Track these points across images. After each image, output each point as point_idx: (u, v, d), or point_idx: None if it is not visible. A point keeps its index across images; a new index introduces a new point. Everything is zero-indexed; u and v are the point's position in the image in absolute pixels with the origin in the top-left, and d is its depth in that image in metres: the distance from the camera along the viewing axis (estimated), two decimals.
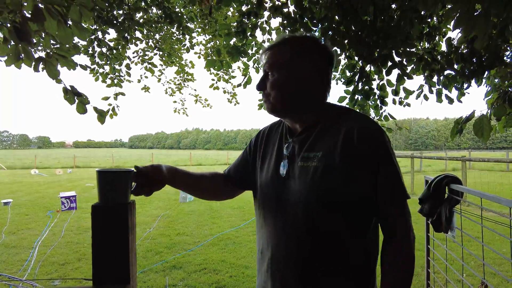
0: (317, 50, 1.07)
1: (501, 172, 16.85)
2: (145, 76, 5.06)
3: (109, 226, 1.06)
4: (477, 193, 2.02)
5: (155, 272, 3.98)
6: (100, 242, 1.06)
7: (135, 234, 1.20)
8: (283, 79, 1.05)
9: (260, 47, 3.09)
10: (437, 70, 2.64)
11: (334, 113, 1.08)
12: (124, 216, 1.08)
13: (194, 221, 6.65)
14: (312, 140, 1.05)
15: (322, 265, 1.01)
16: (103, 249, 1.06)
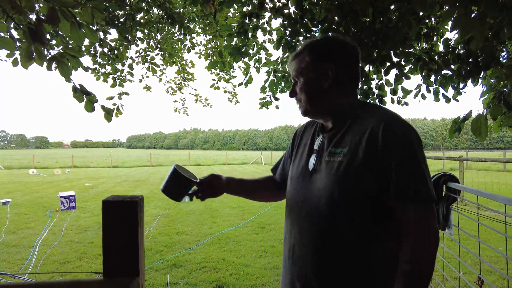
0: (338, 50, 1.12)
1: (498, 172, 16.99)
2: (146, 76, 5.11)
3: (119, 220, 1.10)
4: (474, 191, 2.07)
5: (155, 270, 4.02)
6: (111, 235, 1.11)
7: (144, 228, 1.25)
8: (307, 83, 1.12)
9: (261, 47, 3.14)
10: (435, 70, 2.69)
11: (364, 110, 1.10)
12: (134, 210, 1.12)
13: (194, 221, 6.69)
14: (340, 136, 1.08)
15: (340, 257, 1.02)
16: (114, 242, 1.10)
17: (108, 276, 1.10)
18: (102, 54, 3.83)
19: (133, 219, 1.12)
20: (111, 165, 28.28)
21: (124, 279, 1.12)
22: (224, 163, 31.91)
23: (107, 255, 1.10)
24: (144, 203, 1.26)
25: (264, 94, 3.43)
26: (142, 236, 1.21)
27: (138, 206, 1.12)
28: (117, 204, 1.11)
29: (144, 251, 1.28)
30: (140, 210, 1.15)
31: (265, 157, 33.63)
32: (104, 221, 1.13)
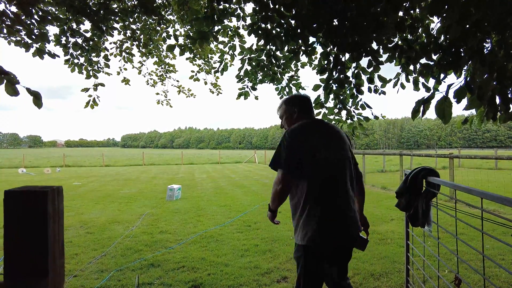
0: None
1: (490, 170, 16.98)
2: (124, 68, 4.93)
3: (23, 213, 0.96)
4: (451, 185, 1.95)
5: (131, 270, 3.86)
6: (13, 230, 0.96)
7: (62, 223, 1.09)
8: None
9: (235, 33, 3.00)
10: (413, 58, 2.57)
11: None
12: (42, 202, 0.97)
13: (179, 219, 6.53)
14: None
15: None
16: (16, 238, 0.95)
17: (9, 278, 0.95)
18: (74, 45, 3.67)
19: (41, 212, 0.97)
20: (103, 164, 27.98)
21: (29, 281, 0.97)
22: (218, 162, 31.72)
23: (9, 254, 0.95)
24: (62, 195, 1.10)
25: (242, 84, 3.29)
26: (59, 231, 1.06)
27: (48, 198, 0.98)
28: (21, 194, 0.96)
29: (63, 248, 1.13)
30: (52, 202, 1.00)
31: (259, 156, 33.51)
32: (5, 214, 0.98)
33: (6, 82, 1.54)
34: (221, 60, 3.14)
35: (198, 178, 15.40)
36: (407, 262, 2.94)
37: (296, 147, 1.91)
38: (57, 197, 1.02)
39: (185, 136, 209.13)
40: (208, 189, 11.37)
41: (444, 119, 1.67)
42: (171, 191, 9.10)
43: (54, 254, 0.99)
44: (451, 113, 1.68)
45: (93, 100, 3.88)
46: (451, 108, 1.67)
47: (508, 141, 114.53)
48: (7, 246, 0.95)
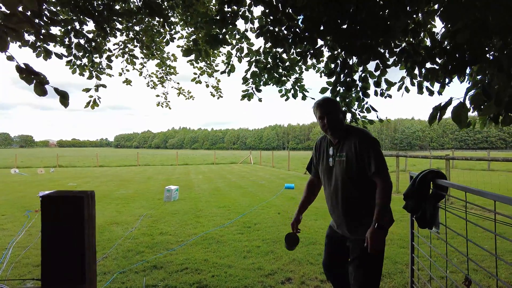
0: (339, 106, 2.30)
1: (483, 172, 17.23)
2: (126, 69, 4.89)
3: (60, 218, 0.96)
4: (461, 187, 1.98)
5: (135, 272, 3.85)
6: (50, 236, 0.96)
7: (95, 228, 1.09)
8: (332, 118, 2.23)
9: (242, 36, 3.01)
10: (419, 62, 2.60)
11: (349, 131, 2.24)
12: (79, 207, 0.97)
13: (178, 221, 6.51)
14: (341, 147, 2.24)
15: (350, 201, 2.20)
16: (54, 244, 0.95)
17: (46, 284, 0.95)
18: (77, 46, 3.64)
19: (78, 218, 0.97)
20: (97, 164, 27.76)
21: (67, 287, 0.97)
22: (213, 162, 31.65)
23: (46, 260, 0.95)
24: (94, 199, 1.10)
25: (246, 85, 3.29)
26: (92, 236, 1.06)
27: (84, 203, 0.98)
28: (58, 200, 0.96)
29: (95, 254, 1.13)
30: (87, 207, 1.00)
31: (254, 156, 33.51)
32: (43, 220, 0.98)
33: (35, 82, 1.52)
34: (228, 62, 3.15)
35: (194, 179, 15.36)
36: (412, 262, 2.97)
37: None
38: (91, 202, 1.02)
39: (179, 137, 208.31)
40: (205, 190, 11.35)
41: (460, 124, 1.70)
42: (168, 192, 9.06)
43: (90, 260, 0.99)
44: (467, 118, 1.71)
45: (93, 101, 3.87)
46: (467, 113, 1.71)
47: (499, 143, 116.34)
48: (45, 252, 0.94)
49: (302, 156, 41.17)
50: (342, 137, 2.23)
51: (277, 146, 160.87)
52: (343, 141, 2.22)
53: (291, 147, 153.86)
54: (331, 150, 2.30)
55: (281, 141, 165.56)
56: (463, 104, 1.63)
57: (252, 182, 13.79)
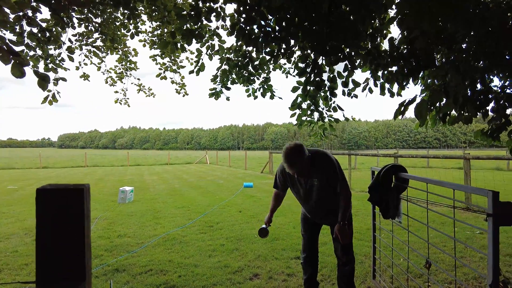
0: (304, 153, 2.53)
1: (424, 169, 18.87)
2: (84, 63, 4.58)
3: (60, 212, 0.91)
4: (423, 179, 2.16)
5: (95, 277, 3.66)
6: (46, 231, 0.90)
7: (90, 224, 1.05)
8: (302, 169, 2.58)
9: (213, 34, 3.00)
10: (383, 65, 2.79)
11: (314, 159, 2.62)
12: (77, 200, 0.93)
13: (136, 222, 6.28)
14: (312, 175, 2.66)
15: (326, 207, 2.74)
16: (52, 241, 0.90)
17: (43, 283, 0.89)
18: (30, 35, 3.35)
19: (78, 211, 0.92)
20: (40, 166, 25.73)
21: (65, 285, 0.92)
22: (167, 163, 30.84)
23: (42, 256, 0.90)
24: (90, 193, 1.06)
25: (214, 84, 3.28)
26: (89, 231, 1.02)
27: (84, 195, 0.94)
28: (56, 193, 0.91)
29: (91, 250, 1.09)
30: (87, 200, 0.96)
31: (210, 156, 33.21)
32: (39, 215, 0.92)
33: (13, 63, 1.38)
34: (197, 60, 3.11)
35: (148, 180, 14.86)
36: (374, 252, 3.17)
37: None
38: (88, 195, 0.98)
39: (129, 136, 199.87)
40: (161, 190, 11.04)
41: (422, 120, 1.85)
42: (123, 193, 8.69)
43: (87, 256, 0.95)
44: (427, 114, 1.87)
45: (52, 96, 3.59)
46: (428, 110, 1.87)
47: (434, 142, 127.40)
48: (40, 248, 0.89)
49: (257, 156, 41.64)
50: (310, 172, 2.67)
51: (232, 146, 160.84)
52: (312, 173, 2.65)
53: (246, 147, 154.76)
54: (302, 180, 2.71)
55: (236, 141, 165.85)
56: (425, 101, 1.78)
57: (211, 182, 13.68)
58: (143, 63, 4.92)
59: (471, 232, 5.16)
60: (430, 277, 2.48)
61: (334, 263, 3.90)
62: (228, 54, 3.17)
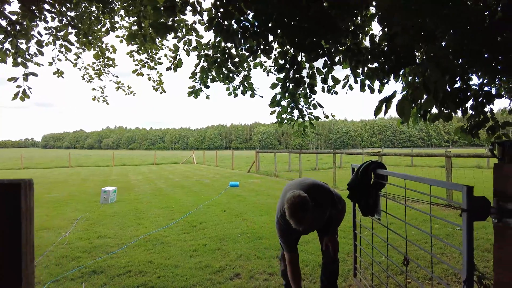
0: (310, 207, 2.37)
1: (408, 167, 19.21)
2: (58, 58, 4.43)
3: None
4: (401, 175, 2.15)
5: (70, 279, 3.54)
6: None
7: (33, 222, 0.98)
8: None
9: (191, 29, 2.93)
10: (363, 61, 2.77)
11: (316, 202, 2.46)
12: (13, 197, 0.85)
13: (118, 223, 6.14)
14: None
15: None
16: None
17: None
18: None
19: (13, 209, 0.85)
20: (22, 166, 25.05)
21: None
22: (153, 163, 30.46)
23: None
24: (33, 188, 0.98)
25: (193, 81, 3.21)
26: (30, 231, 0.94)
27: (21, 191, 0.86)
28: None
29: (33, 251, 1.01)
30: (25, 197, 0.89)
31: (197, 156, 32.95)
32: None
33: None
34: (174, 56, 3.03)
35: (133, 180, 14.63)
36: (355, 250, 3.16)
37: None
38: (29, 191, 0.91)
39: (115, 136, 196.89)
40: (146, 191, 10.87)
41: (404, 117, 1.83)
42: (105, 194, 8.51)
43: (27, 258, 0.88)
44: (410, 111, 1.85)
45: (23, 92, 3.46)
46: (410, 107, 1.85)
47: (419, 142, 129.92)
48: None
49: (245, 155, 41.53)
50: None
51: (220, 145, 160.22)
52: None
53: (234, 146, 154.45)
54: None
55: (224, 140, 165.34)
56: (406, 97, 1.76)
57: (196, 182, 13.55)
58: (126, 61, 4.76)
59: (451, 229, 5.22)
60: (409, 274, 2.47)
61: (316, 262, 3.88)
62: (206, 51, 3.11)
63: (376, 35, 3.27)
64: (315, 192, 2.49)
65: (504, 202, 1.43)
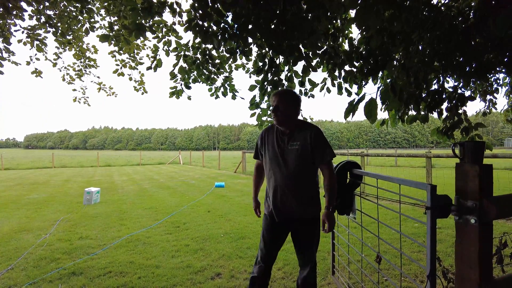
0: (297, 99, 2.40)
1: (392, 168, 19.62)
2: (36, 58, 4.35)
3: None
4: (374, 175, 2.22)
5: (48, 281, 3.50)
6: None
7: None
8: (284, 109, 2.34)
9: (170, 29, 2.94)
10: (339, 64, 2.84)
11: (300, 123, 2.41)
12: None
13: (100, 224, 6.08)
14: (293, 137, 2.38)
15: (302, 187, 2.36)
16: None
17: None
18: None
19: None
20: (2, 167, 24.43)
21: None
22: (138, 163, 30.14)
23: None
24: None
25: (174, 82, 3.22)
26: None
27: None
28: None
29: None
30: None
31: (184, 157, 32.75)
32: None
33: None
34: (154, 56, 3.04)
35: (117, 181, 14.46)
36: (333, 249, 3.22)
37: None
38: None
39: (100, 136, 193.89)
40: (130, 191, 10.77)
41: (371, 119, 1.89)
42: (88, 195, 8.40)
43: None
44: (377, 113, 1.92)
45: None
46: (377, 109, 1.91)
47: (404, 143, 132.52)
48: None
49: (232, 156, 41.51)
50: (294, 128, 2.38)
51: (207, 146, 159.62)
52: (296, 132, 2.38)
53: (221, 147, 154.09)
54: (281, 140, 2.41)
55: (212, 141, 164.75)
56: (373, 99, 1.82)
57: (182, 182, 13.49)
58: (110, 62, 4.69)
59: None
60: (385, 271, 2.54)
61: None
62: (187, 52, 3.12)
63: (354, 38, 3.35)
64: (310, 124, 2.43)
65: (464, 199, 1.50)
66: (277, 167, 2.38)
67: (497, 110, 4.68)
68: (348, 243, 2.82)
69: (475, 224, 1.41)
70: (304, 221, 2.40)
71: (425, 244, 1.66)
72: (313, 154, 2.32)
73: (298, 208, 2.36)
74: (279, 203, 2.39)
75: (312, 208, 2.40)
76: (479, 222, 1.41)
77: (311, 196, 2.39)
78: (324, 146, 2.32)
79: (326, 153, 2.32)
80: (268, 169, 2.45)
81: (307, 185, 2.37)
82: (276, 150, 2.39)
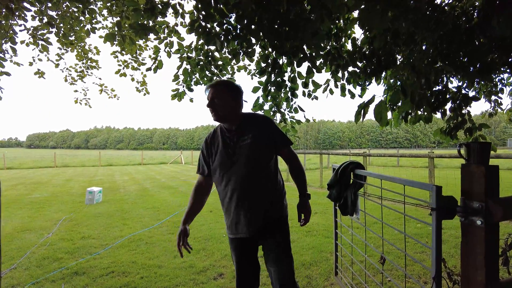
0: (235, 88, 2.05)
1: (394, 168, 19.59)
2: (38, 58, 4.36)
3: None
4: (377, 175, 2.20)
5: (51, 281, 3.50)
6: None
7: None
8: (222, 102, 1.99)
9: (172, 30, 2.93)
10: (342, 65, 2.83)
11: (247, 115, 2.11)
12: None
13: (102, 224, 6.09)
14: (242, 130, 2.04)
15: (265, 183, 2.03)
16: None
17: None
18: None
19: None
20: (4, 167, 24.51)
21: None
22: (140, 163, 30.18)
23: None
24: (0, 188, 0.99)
25: (177, 84, 3.22)
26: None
27: None
28: None
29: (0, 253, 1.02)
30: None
31: (185, 157, 32.79)
32: None
33: None
34: (155, 57, 3.03)
35: (119, 180, 14.49)
36: (336, 249, 3.21)
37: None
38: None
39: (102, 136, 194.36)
40: (132, 191, 10.78)
41: (381, 121, 1.88)
42: (90, 194, 8.42)
43: None
44: (387, 116, 1.91)
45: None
46: (387, 111, 1.90)
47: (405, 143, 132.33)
48: None
49: None
50: (240, 121, 2.05)
51: None
52: (244, 124, 2.05)
53: None
54: (229, 138, 2.05)
55: None
56: (383, 102, 1.81)
57: (183, 182, 13.50)
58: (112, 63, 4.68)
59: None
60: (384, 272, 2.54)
61: (299, 261, 3.94)
62: (189, 53, 3.12)
63: (358, 39, 3.34)
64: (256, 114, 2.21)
65: (470, 200, 1.49)
66: (231, 169, 2.00)
67: (502, 110, 4.66)
68: (351, 243, 2.81)
69: (481, 225, 1.40)
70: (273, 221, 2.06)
71: (428, 245, 1.65)
72: (271, 140, 2.03)
73: (265, 207, 2.02)
74: (246, 207, 2.00)
75: (279, 204, 2.10)
76: (485, 224, 1.40)
77: (278, 193, 2.10)
78: (281, 131, 2.07)
79: (286, 137, 2.08)
80: (221, 177, 2.04)
81: (269, 181, 2.05)
82: (227, 151, 2.03)
